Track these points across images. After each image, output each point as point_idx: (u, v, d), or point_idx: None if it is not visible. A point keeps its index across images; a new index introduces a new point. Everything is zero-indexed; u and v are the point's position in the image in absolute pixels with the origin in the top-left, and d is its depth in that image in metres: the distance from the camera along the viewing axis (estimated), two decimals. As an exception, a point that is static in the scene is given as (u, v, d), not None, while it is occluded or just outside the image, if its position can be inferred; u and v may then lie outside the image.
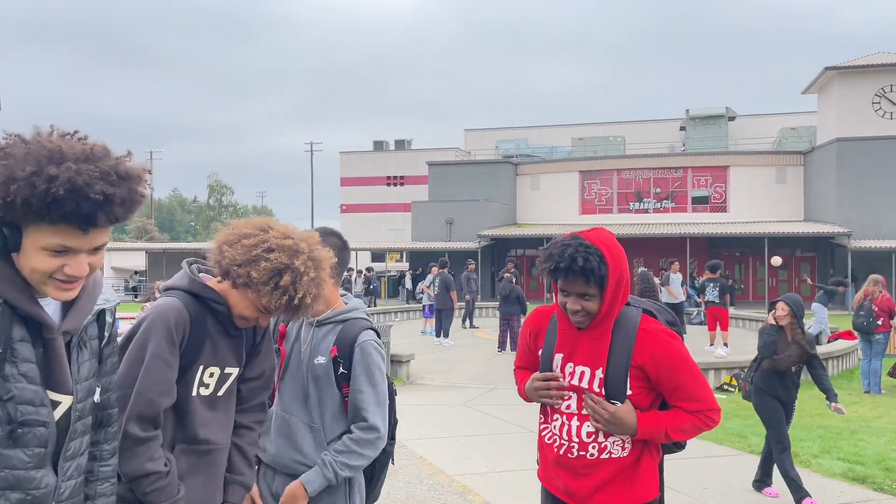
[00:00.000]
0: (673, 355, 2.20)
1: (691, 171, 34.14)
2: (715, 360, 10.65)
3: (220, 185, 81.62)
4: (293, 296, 1.91)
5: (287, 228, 2.05)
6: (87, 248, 1.49)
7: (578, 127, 41.57)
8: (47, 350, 1.53)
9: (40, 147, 1.41)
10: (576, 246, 2.16)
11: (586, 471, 2.24)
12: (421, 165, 39.56)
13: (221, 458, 2.10)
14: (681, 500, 5.26)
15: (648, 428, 2.20)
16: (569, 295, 2.21)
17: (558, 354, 2.32)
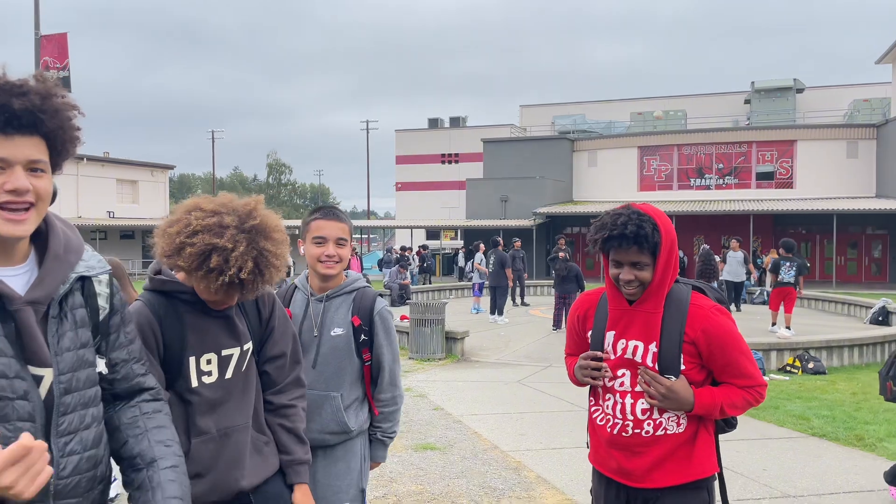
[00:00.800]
0: (725, 331, 2.19)
1: (756, 145, 32.98)
2: (778, 341, 10.36)
3: (279, 164, 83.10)
4: (231, 275, 1.82)
5: (219, 202, 1.94)
6: (19, 159, 1.39)
7: (637, 101, 40.61)
8: (17, 323, 1.43)
9: None
10: (628, 213, 2.17)
11: (641, 449, 2.22)
12: (476, 143, 39.39)
13: (243, 438, 2.07)
14: (739, 481, 5.18)
15: (704, 402, 2.18)
16: (621, 265, 2.20)
17: (610, 332, 2.30)
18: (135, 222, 38.51)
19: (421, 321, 10.68)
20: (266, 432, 2.16)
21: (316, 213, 2.63)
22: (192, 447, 1.98)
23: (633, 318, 2.25)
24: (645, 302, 2.23)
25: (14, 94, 1.35)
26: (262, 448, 2.13)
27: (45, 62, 18.29)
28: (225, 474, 2.02)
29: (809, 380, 9.14)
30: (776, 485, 5.13)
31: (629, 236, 2.13)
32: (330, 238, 2.55)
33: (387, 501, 4.77)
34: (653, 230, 2.14)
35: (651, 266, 2.18)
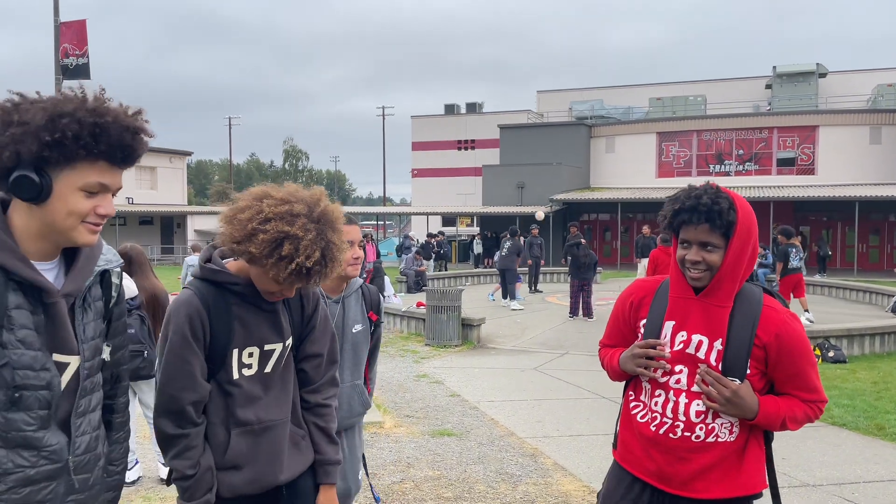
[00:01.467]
0: (799, 340, 2.01)
1: (777, 131, 32.54)
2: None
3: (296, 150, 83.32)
4: (300, 263, 1.84)
5: (287, 192, 1.95)
6: (116, 188, 1.59)
7: (656, 86, 40.16)
8: (49, 314, 1.56)
9: (69, 95, 1.53)
10: (704, 188, 2.02)
11: (688, 454, 2.03)
12: (492, 129, 39.21)
13: (281, 432, 2.08)
14: (757, 470, 5.15)
15: (769, 412, 2.00)
16: (690, 245, 2.02)
17: (669, 322, 2.10)
18: (153, 208, 38.83)
19: (437, 308, 10.69)
20: (303, 426, 2.18)
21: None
22: (232, 439, 2.01)
23: (697, 309, 2.05)
24: (713, 293, 2.03)
25: (137, 136, 1.55)
26: (299, 442, 2.15)
27: (65, 49, 18.43)
28: (264, 468, 2.04)
29: (829, 368, 9.05)
30: (795, 474, 5.09)
31: (701, 210, 1.96)
32: (355, 241, 2.72)
33: (404, 486, 4.80)
34: (729, 208, 1.97)
35: (722, 250, 1.99)
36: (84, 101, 1.50)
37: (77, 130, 1.46)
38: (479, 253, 31.33)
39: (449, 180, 43.64)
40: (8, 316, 1.50)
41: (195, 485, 1.95)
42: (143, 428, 5.51)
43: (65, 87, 1.60)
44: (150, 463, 5.07)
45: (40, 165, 1.48)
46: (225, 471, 2.01)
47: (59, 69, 18.45)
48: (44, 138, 1.45)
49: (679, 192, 2.06)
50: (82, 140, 1.47)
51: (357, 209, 50.82)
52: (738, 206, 1.99)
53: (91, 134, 1.47)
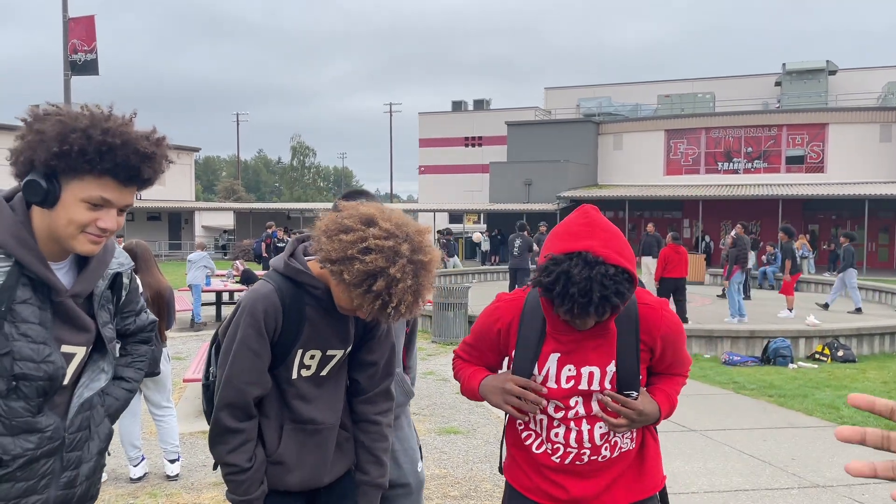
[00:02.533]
0: (679, 331, 1.98)
1: (786, 129, 32.34)
2: (806, 328, 10.19)
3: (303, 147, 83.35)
4: (386, 302, 1.77)
5: (395, 222, 1.84)
6: (120, 204, 1.64)
7: (665, 84, 40.00)
8: (57, 310, 1.66)
9: (90, 111, 1.60)
10: (600, 280, 1.67)
11: (596, 473, 1.96)
12: (499, 125, 39.13)
13: (330, 437, 2.07)
14: (768, 471, 5.11)
15: (666, 409, 1.97)
16: (575, 319, 1.77)
17: (553, 354, 1.92)
18: (161, 204, 38.92)
19: (444, 305, 10.67)
20: (348, 428, 2.16)
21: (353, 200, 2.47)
22: (283, 436, 2.00)
23: (585, 343, 1.90)
24: (599, 327, 1.87)
25: (145, 161, 1.60)
26: (342, 444, 2.14)
27: (73, 45, 18.46)
28: (312, 470, 2.05)
29: (839, 368, 8.98)
30: (805, 474, 5.05)
31: (605, 312, 1.71)
32: None
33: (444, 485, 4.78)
34: (628, 291, 1.71)
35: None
36: (100, 119, 1.57)
37: (83, 146, 1.53)
38: (486, 250, 31.29)
39: (456, 177, 43.59)
40: (12, 309, 1.58)
41: (252, 477, 1.94)
42: (148, 424, 5.51)
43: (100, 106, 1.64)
44: (157, 459, 5.07)
45: (52, 173, 1.56)
46: (274, 465, 2.01)
47: (67, 65, 18.49)
48: (52, 148, 1.53)
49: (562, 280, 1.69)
50: (87, 155, 1.54)
51: (364, 206, 50.19)
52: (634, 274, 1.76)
53: (97, 151, 1.54)
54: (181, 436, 5.25)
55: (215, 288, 12.84)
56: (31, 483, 1.65)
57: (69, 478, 1.74)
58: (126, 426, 4.75)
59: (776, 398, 7.34)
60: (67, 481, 1.73)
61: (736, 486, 4.78)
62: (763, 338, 9.71)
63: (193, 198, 46.29)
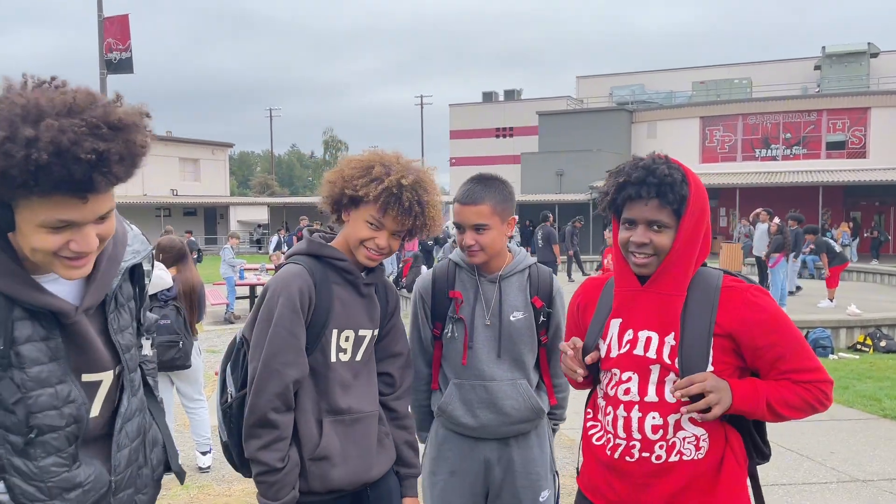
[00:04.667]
0: (772, 315, 1.69)
1: (826, 113, 31.50)
2: (847, 318, 9.92)
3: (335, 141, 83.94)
4: (392, 181, 1.90)
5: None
6: (91, 219, 1.26)
7: (699, 70, 39.22)
8: (69, 334, 1.35)
9: (12, 105, 1.16)
10: (653, 158, 1.74)
11: (649, 479, 1.73)
12: (531, 116, 38.84)
13: (372, 427, 2.02)
14: (806, 464, 4.98)
15: (744, 395, 1.67)
16: (635, 225, 1.73)
17: (614, 320, 1.81)
18: (197, 200, 39.59)
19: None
20: (385, 423, 2.12)
21: (460, 190, 2.34)
22: (324, 428, 1.92)
23: (642, 302, 1.76)
24: (660, 281, 1.74)
25: (96, 167, 1.17)
26: (383, 440, 2.09)
27: (109, 44, 18.81)
28: (358, 462, 1.98)
29: (881, 359, 8.73)
30: (845, 468, 4.91)
31: (651, 183, 1.67)
32: (465, 225, 2.27)
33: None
34: (682, 180, 1.69)
35: (672, 230, 1.70)
36: (21, 120, 1.14)
37: (5, 168, 1.12)
38: (518, 242, 31.15)
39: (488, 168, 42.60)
40: (17, 353, 1.29)
41: (283, 479, 1.82)
42: (180, 416, 5.59)
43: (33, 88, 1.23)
44: (189, 451, 5.14)
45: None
46: (317, 461, 1.90)
47: (103, 64, 18.86)
48: None
49: (622, 164, 1.78)
50: (16, 180, 1.14)
51: (396, 198, 50.05)
52: (691, 180, 1.72)
53: (25, 172, 1.13)
54: (213, 428, 5.32)
55: (248, 282, 13.03)
56: None
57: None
58: (159, 418, 4.82)
59: (815, 390, 7.15)
60: None
61: (773, 480, 4.67)
62: (803, 328, 9.48)
63: (228, 193, 46.98)
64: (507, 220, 2.31)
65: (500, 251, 2.34)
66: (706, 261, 1.84)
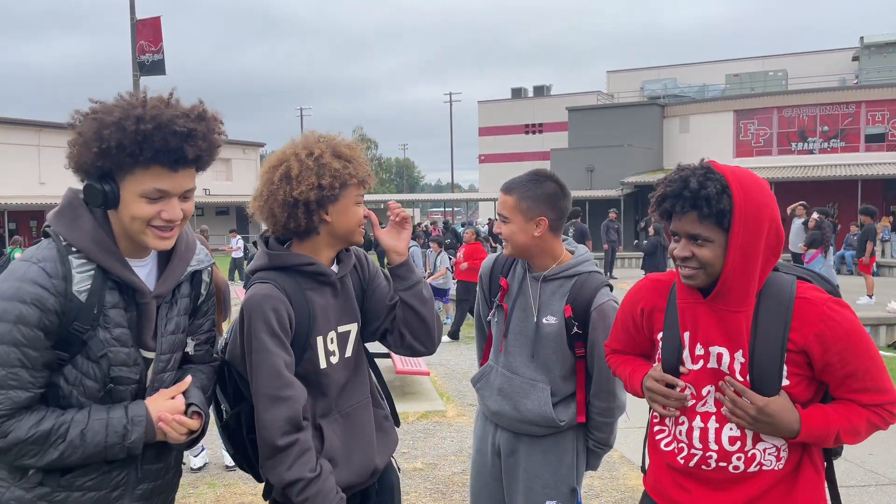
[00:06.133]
0: (848, 332, 1.61)
1: (865, 105, 30.65)
2: (888, 315, 9.63)
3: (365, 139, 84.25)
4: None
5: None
6: (178, 192, 1.58)
7: (733, 62, 38.52)
8: (140, 312, 1.63)
9: (124, 101, 1.55)
10: (692, 169, 1.66)
11: (727, 485, 1.70)
12: (560, 111, 38.51)
13: (366, 413, 2.02)
14: (843, 466, 4.83)
15: (814, 429, 1.62)
16: (679, 239, 1.69)
17: (685, 333, 1.75)
18: (229, 199, 40.05)
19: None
20: (383, 406, 2.11)
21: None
22: (324, 430, 1.90)
23: (707, 316, 1.70)
24: (721, 295, 1.66)
25: (186, 139, 1.53)
26: (382, 423, 2.09)
27: (141, 46, 19.11)
28: (361, 455, 1.97)
29: (924, 358, 8.45)
30: (884, 471, 4.75)
31: (685, 197, 1.61)
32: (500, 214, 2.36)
33: (465, 478, 4.72)
34: (719, 193, 1.59)
35: (717, 244, 1.62)
36: (131, 107, 1.51)
37: (120, 139, 1.48)
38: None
39: (517, 165, 43.19)
40: (104, 315, 1.56)
41: (323, 487, 1.78)
42: (210, 414, 5.63)
43: (142, 88, 1.62)
44: (217, 450, 5.17)
45: (106, 173, 1.53)
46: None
47: (136, 66, 19.16)
48: (93, 149, 1.50)
49: (671, 173, 1.71)
50: (127, 149, 1.49)
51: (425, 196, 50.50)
52: (736, 191, 1.60)
53: (134, 142, 1.49)
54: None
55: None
56: (103, 493, 1.60)
57: (145, 490, 1.68)
58: (186, 417, 4.86)
59: (853, 390, 6.95)
60: (143, 493, 1.67)
61: (808, 484, 4.54)
62: (839, 326, 9.21)
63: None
64: (532, 218, 2.27)
65: (528, 248, 2.31)
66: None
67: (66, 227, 1.56)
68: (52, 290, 1.49)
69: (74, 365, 1.56)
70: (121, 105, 1.52)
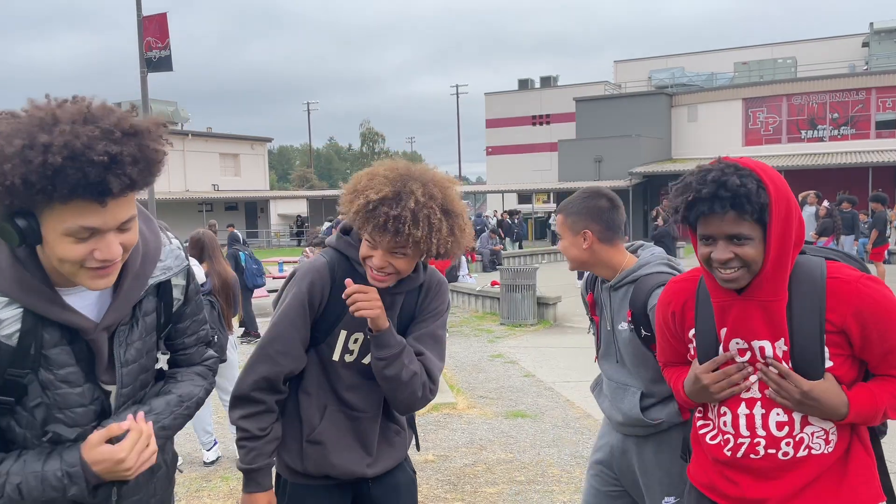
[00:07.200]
0: (885, 307, 1.60)
1: (875, 91, 30.37)
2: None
3: (372, 133, 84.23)
4: (369, 198, 1.79)
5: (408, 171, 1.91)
6: (112, 226, 1.30)
7: (741, 50, 38.22)
8: (91, 346, 1.42)
9: (30, 118, 1.24)
10: (722, 167, 1.61)
11: (777, 472, 1.67)
12: (568, 102, 38.34)
13: (371, 428, 2.03)
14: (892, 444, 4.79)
15: (863, 409, 1.61)
16: (714, 241, 1.62)
17: (721, 329, 1.73)
18: (237, 194, 40.20)
19: (512, 286, 10.55)
20: (399, 421, 2.12)
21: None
22: (326, 414, 1.98)
23: (746, 311, 1.67)
24: (759, 289, 1.63)
25: (109, 170, 1.22)
26: (391, 437, 2.10)
27: (148, 42, 19.13)
28: (353, 455, 2.00)
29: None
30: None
31: (724, 197, 1.56)
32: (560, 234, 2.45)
33: (476, 469, 4.73)
34: (757, 187, 1.56)
35: (758, 240, 1.59)
36: (37, 129, 1.21)
37: (24, 175, 1.19)
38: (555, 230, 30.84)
39: (524, 157, 43.09)
40: (44, 356, 1.37)
41: (260, 448, 1.90)
42: (220, 408, 5.66)
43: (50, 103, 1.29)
44: (229, 444, 5.20)
45: (18, 210, 1.25)
46: (313, 444, 1.97)
47: (143, 63, 19.19)
48: None
49: (688, 177, 1.65)
50: (35, 185, 1.20)
51: (433, 189, 49.61)
52: (768, 182, 1.58)
53: (43, 177, 1.19)
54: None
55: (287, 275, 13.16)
56: None
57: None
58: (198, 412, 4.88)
59: (866, 379, 6.91)
60: None
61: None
62: (852, 314, 9.16)
63: (268, 187, 47.58)
64: (578, 232, 2.36)
65: (583, 261, 2.40)
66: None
67: None
68: None
69: (24, 408, 1.38)
70: (23, 127, 1.21)
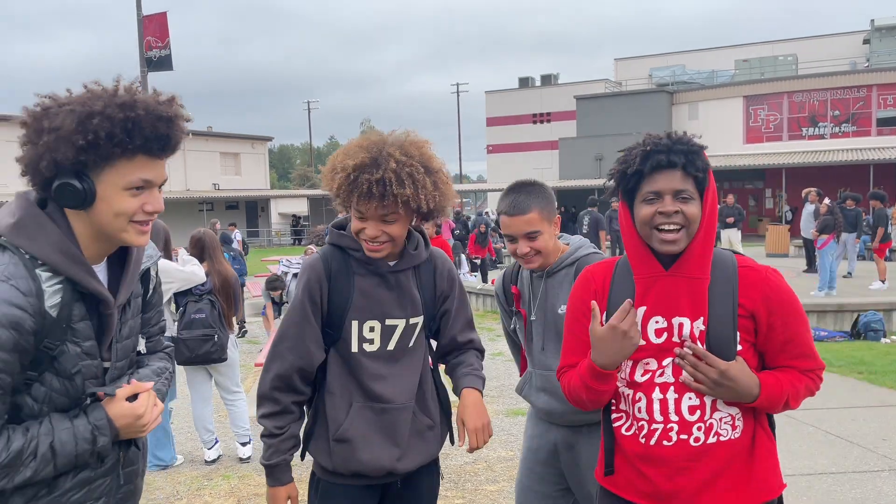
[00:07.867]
0: (789, 298, 1.69)
1: (877, 89, 30.34)
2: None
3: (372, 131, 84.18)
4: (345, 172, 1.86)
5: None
6: (160, 181, 1.53)
7: (742, 48, 38.16)
8: (102, 323, 1.54)
9: (94, 91, 1.46)
10: (666, 133, 1.71)
11: (688, 464, 1.67)
12: (568, 100, 38.34)
13: (402, 417, 2.00)
14: (856, 452, 4.81)
15: (771, 393, 1.65)
16: (660, 197, 1.65)
17: (639, 308, 1.72)
18: (238, 193, 40.18)
19: (512, 284, 10.54)
20: (432, 416, 2.11)
21: (503, 201, 2.36)
22: (351, 412, 1.98)
23: (671, 286, 1.69)
24: (686, 263, 1.68)
25: (171, 126, 1.48)
26: (423, 431, 2.07)
27: (148, 41, 19.15)
28: (382, 450, 1.98)
29: (938, 342, 8.39)
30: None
31: (678, 150, 1.64)
32: (517, 235, 2.30)
33: (476, 467, 4.74)
34: (700, 152, 1.67)
35: (697, 202, 1.66)
36: (113, 95, 1.44)
37: (109, 129, 1.40)
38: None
39: (525, 155, 43.08)
40: (72, 328, 1.48)
41: (277, 446, 1.97)
42: (221, 407, 5.67)
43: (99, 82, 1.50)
44: (230, 442, 5.21)
45: (80, 169, 1.43)
46: (340, 443, 1.97)
47: (143, 62, 19.21)
48: (77, 142, 1.39)
49: (637, 142, 1.74)
50: (116, 138, 1.41)
51: (434, 187, 49.57)
52: (706, 158, 1.70)
53: (124, 130, 1.41)
54: (251, 419, 5.38)
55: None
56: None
57: (124, 493, 1.67)
58: (199, 410, 4.90)
59: (866, 375, 6.92)
60: (122, 497, 1.66)
61: (821, 469, 4.53)
62: (853, 311, 9.18)
63: (269, 186, 47.53)
64: (553, 221, 2.37)
65: (553, 251, 2.39)
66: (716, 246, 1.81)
67: (29, 238, 1.44)
68: (30, 310, 1.39)
69: (42, 383, 1.47)
70: (99, 95, 1.44)
